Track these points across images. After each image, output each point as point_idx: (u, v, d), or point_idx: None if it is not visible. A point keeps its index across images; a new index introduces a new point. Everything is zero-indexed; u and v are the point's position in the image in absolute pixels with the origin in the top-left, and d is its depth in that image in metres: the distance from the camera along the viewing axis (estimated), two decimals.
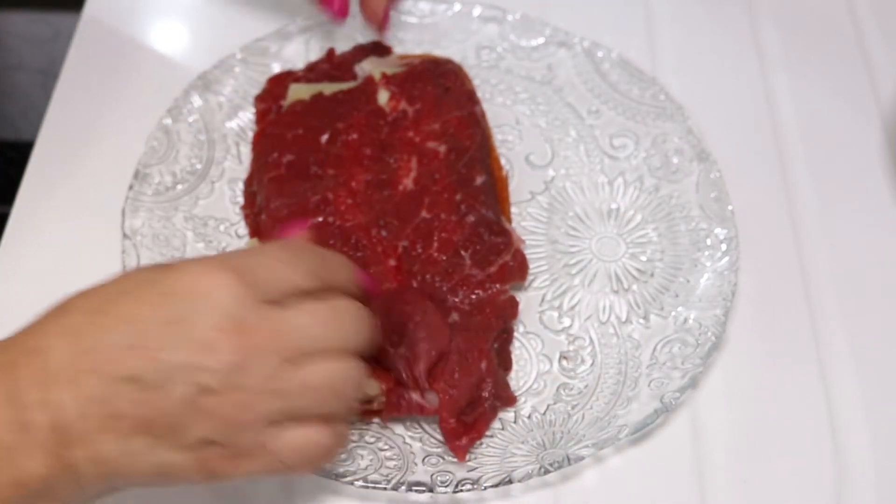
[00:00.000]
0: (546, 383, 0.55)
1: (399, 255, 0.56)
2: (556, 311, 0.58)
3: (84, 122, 0.65)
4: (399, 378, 0.51)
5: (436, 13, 0.70)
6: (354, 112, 0.61)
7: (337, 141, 0.60)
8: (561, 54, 0.68)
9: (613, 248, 0.61)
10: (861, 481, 0.53)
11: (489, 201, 0.58)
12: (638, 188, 0.63)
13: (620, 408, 0.53)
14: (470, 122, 0.61)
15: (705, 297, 0.57)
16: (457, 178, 0.58)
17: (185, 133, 0.62)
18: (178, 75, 0.65)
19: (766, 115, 0.69)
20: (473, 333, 0.53)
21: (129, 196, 0.58)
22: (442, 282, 0.55)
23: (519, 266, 0.56)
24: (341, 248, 0.55)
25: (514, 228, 0.58)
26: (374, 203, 0.57)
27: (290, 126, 0.61)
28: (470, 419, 0.51)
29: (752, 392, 0.56)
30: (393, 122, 0.61)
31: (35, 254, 0.59)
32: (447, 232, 0.56)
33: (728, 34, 0.74)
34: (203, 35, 0.71)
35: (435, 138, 0.60)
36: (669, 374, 0.54)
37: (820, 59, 0.72)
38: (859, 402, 0.56)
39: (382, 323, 0.50)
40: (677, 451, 0.53)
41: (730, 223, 0.59)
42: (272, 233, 0.56)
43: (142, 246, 0.57)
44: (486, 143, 0.61)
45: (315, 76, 0.64)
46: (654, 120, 0.65)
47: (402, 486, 0.49)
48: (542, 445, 0.51)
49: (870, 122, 0.69)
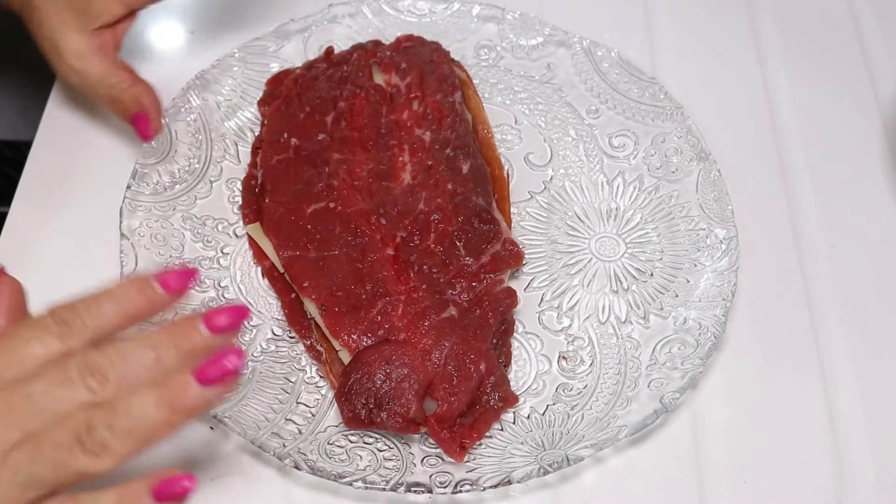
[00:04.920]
0: (545, 384, 0.55)
1: (397, 245, 0.56)
2: (556, 311, 0.58)
3: (82, 122, 0.65)
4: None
5: (435, 12, 0.70)
6: (357, 90, 0.63)
7: (341, 121, 0.61)
8: (560, 53, 0.68)
9: (613, 248, 0.61)
10: (861, 481, 0.53)
11: (478, 188, 0.58)
12: (637, 188, 0.63)
13: (620, 408, 0.53)
14: (449, 110, 0.62)
15: (705, 298, 0.57)
16: (446, 167, 0.59)
17: (183, 132, 0.62)
18: (177, 75, 0.65)
19: (766, 115, 0.69)
20: (472, 332, 0.53)
21: (127, 196, 0.58)
22: (440, 272, 0.55)
23: (511, 254, 0.56)
24: (342, 233, 0.56)
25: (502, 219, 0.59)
26: (374, 192, 0.58)
27: (300, 106, 0.62)
28: (469, 420, 0.51)
29: (752, 392, 0.56)
30: (391, 98, 0.63)
31: (33, 254, 0.59)
32: (443, 223, 0.57)
33: (728, 34, 0.74)
34: (202, 34, 0.70)
35: (420, 124, 0.62)
36: (669, 374, 0.53)
37: (820, 59, 0.72)
38: (859, 401, 0.56)
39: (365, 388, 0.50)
40: (677, 451, 0.53)
41: (730, 223, 0.59)
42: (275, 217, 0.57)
43: (140, 246, 0.57)
44: (468, 130, 0.62)
45: (313, 74, 0.64)
46: (653, 119, 0.65)
47: (400, 487, 0.48)
48: (541, 446, 0.51)
49: (870, 122, 0.69)
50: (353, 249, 0.56)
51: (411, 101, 0.63)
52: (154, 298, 0.41)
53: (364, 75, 0.64)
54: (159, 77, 0.67)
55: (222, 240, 0.59)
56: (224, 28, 0.70)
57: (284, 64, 0.67)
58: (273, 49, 0.67)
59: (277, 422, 0.51)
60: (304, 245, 0.56)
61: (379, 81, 0.64)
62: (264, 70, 0.66)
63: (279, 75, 0.65)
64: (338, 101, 0.63)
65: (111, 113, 0.60)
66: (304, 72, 0.65)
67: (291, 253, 0.56)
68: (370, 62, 0.65)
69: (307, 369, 0.54)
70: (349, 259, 0.55)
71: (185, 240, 0.59)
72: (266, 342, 0.55)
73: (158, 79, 0.67)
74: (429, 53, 0.65)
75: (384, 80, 0.64)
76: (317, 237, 0.57)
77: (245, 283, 0.58)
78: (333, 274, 0.55)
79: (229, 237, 0.60)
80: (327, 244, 0.56)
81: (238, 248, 0.59)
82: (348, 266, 0.55)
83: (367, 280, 0.54)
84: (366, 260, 0.55)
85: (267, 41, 0.67)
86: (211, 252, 0.59)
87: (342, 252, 0.56)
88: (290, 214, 0.58)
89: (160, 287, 0.41)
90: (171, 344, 0.39)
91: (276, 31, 0.67)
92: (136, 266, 0.55)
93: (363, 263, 0.55)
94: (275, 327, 0.56)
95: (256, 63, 0.66)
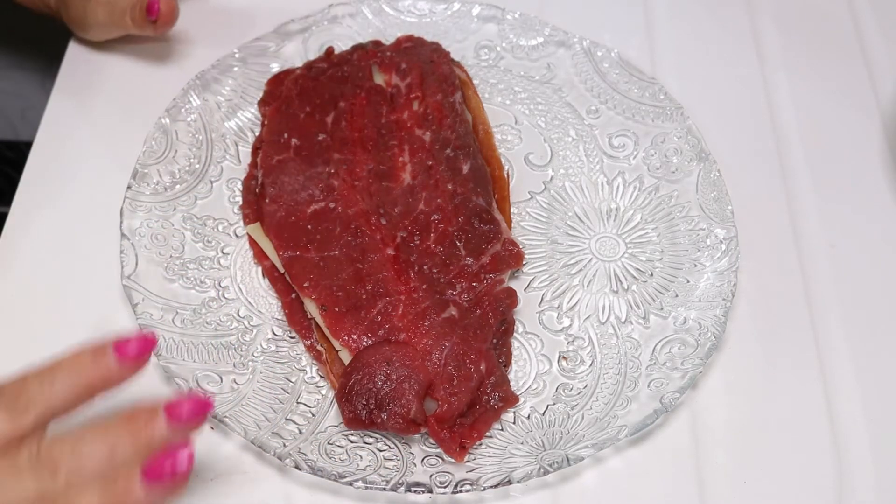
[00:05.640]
0: (545, 384, 0.55)
1: (397, 245, 0.56)
2: (556, 311, 0.58)
3: (82, 122, 0.65)
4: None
5: (435, 12, 0.70)
6: (357, 90, 0.63)
7: (342, 121, 0.61)
8: (560, 54, 0.68)
9: (613, 248, 0.61)
10: (861, 481, 0.53)
11: (478, 189, 0.59)
12: (637, 188, 0.63)
13: (620, 408, 0.53)
14: (449, 111, 0.62)
15: (705, 298, 0.57)
16: (446, 167, 0.59)
17: (183, 132, 0.62)
18: (177, 75, 0.65)
19: (766, 115, 0.69)
20: (472, 332, 0.53)
21: (128, 196, 0.58)
22: (440, 273, 0.55)
23: (511, 254, 0.56)
24: (342, 233, 0.56)
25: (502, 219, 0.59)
26: (374, 193, 0.58)
27: (300, 106, 0.62)
28: (469, 420, 0.51)
29: (752, 392, 0.56)
30: (391, 98, 0.63)
31: (33, 254, 0.59)
32: (443, 223, 0.57)
33: (728, 34, 0.74)
34: (202, 34, 0.70)
35: (420, 124, 0.62)
36: (669, 374, 0.53)
37: (820, 59, 0.72)
38: (859, 401, 0.55)
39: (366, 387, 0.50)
40: (677, 451, 0.53)
41: (729, 223, 0.59)
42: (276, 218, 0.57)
43: (140, 246, 0.57)
44: (468, 130, 0.62)
45: (314, 75, 0.64)
46: (653, 119, 0.65)
47: (401, 487, 0.48)
48: (541, 446, 0.51)
49: (870, 122, 0.69)
50: (354, 249, 0.56)
51: (411, 102, 0.63)
52: (110, 371, 0.39)
53: (364, 75, 0.64)
54: (159, 77, 0.67)
55: (222, 240, 0.59)
56: (224, 28, 0.70)
57: (285, 64, 0.67)
58: (273, 49, 0.67)
59: (278, 422, 0.51)
60: (305, 245, 0.56)
61: (379, 82, 0.64)
62: (264, 70, 0.66)
63: (279, 75, 0.65)
64: (338, 101, 0.63)
65: (138, 30, 0.64)
66: (304, 72, 0.65)
67: (292, 253, 0.56)
68: (370, 62, 0.65)
69: (307, 369, 0.54)
70: (349, 259, 0.56)
71: (186, 240, 0.59)
72: (266, 342, 0.55)
73: (159, 79, 0.67)
74: (429, 54, 0.65)
75: (384, 81, 0.64)
76: (317, 237, 0.57)
77: (245, 283, 0.58)
78: (334, 274, 0.55)
79: (230, 237, 0.60)
80: (327, 244, 0.56)
81: (238, 248, 0.59)
82: (348, 266, 0.55)
83: (367, 280, 0.55)
84: (366, 260, 0.55)
85: (267, 41, 0.67)
86: (211, 252, 0.59)
87: (342, 252, 0.56)
88: (290, 215, 0.58)
89: (116, 358, 0.39)
90: (128, 435, 0.38)
91: (277, 31, 0.67)
92: (137, 266, 0.55)
93: (363, 263, 0.55)
94: (275, 327, 0.56)
95: (256, 63, 0.66)
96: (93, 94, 0.67)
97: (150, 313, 0.54)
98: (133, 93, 0.67)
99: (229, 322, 0.55)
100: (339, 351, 0.53)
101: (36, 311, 0.56)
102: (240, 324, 0.56)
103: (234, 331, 0.55)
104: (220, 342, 0.54)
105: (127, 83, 0.67)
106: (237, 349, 0.54)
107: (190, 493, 0.50)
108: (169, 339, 0.53)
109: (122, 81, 0.67)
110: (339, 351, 0.53)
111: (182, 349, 0.53)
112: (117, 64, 0.68)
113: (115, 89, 0.67)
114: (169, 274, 0.56)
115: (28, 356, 0.55)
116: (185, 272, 0.57)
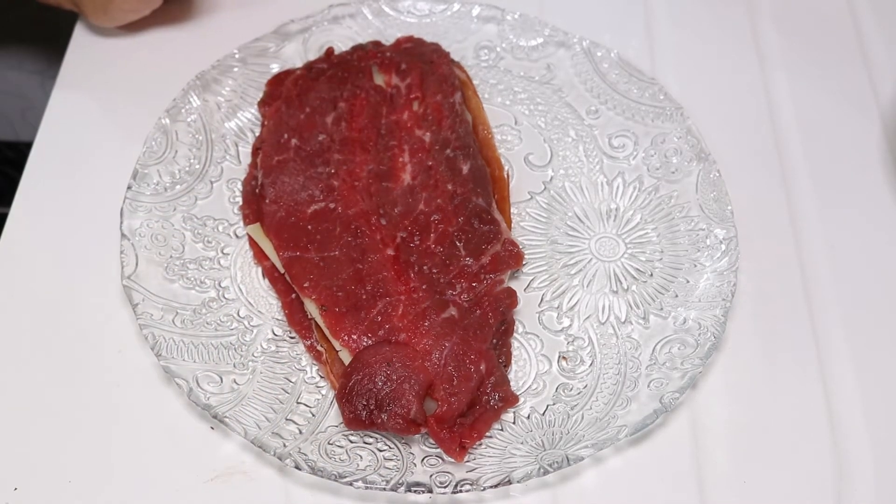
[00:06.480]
0: (545, 384, 0.55)
1: (397, 246, 0.56)
2: (556, 312, 0.58)
3: (82, 123, 0.65)
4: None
5: (434, 13, 0.70)
6: (357, 90, 0.63)
7: (342, 122, 0.61)
8: (560, 54, 0.68)
9: (612, 249, 0.61)
10: (861, 481, 0.53)
11: (478, 189, 0.59)
12: (637, 188, 0.63)
13: (620, 408, 0.53)
14: (449, 111, 0.62)
15: (705, 298, 0.57)
16: (446, 168, 0.59)
17: (183, 133, 0.62)
18: (177, 75, 0.65)
19: (766, 115, 0.69)
20: (472, 333, 0.53)
21: (128, 196, 0.58)
22: (440, 273, 0.55)
23: (511, 255, 0.56)
24: (342, 233, 0.56)
25: (502, 219, 0.59)
26: (374, 193, 0.59)
27: (300, 106, 0.62)
28: (469, 420, 0.51)
29: (752, 392, 0.56)
30: (391, 99, 0.63)
31: (33, 254, 0.59)
32: (443, 223, 0.57)
33: (728, 34, 0.74)
34: (202, 35, 0.70)
35: (420, 125, 0.62)
36: (669, 374, 0.54)
37: (820, 59, 0.72)
38: (859, 401, 0.55)
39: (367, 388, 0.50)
40: (677, 451, 0.53)
41: (729, 223, 0.59)
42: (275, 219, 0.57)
43: (140, 246, 0.57)
44: (468, 131, 0.62)
45: (314, 75, 0.64)
46: (653, 120, 0.65)
47: (401, 487, 0.48)
48: (541, 446, 0.51)
49: (870, 122, 0.69)
50: (354, 250, 0.56)
51: (411, 102, 0.63)
52: None
53: (364, 76, 0.64)
54: (159, 77, 0.67)
55: (223, 240, 0.59)
56: (224, 28, 0.70)
57: (285, 64, 0.67)
58: (273, 49, 0.67)
59: (278, 422, 0.51)
60: (305, 245, 0.56)
61: (379, 82, 0.64)
62: (264, 70, 0.66)
63: (279, 76, 0.65)
64: (338, 101, 0.63)
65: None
66: (304, 72, 0.65)
67: (292, 253, 0.56)
68: (370, 63, 0.65)
69: (307, 369, 0.54)
70: (349, 259, 0.56)
71: (186, 240, 0.59)
72: (266, 342, 0.55)
73: (158, 79, 0.67)
74: (429, 54, 0.65)
75: (384, 81, 0.64)
76: (317, 238, 0.57)
77: (245, 283, 0.58)
78: (334, 274, 0.55)
79: (230, 237, 0.60)
80: (327, 245, 0.56)
81: (238, 248, 0.59)
82: (348, 266, 0.55)
83: (367, 280, 0.55)
84: (366, 260, 0.56)
85: (267, 41, 0.67)
86: (211, 252, 0.59)
87: (342, 252, 0.56)
88: (290, 215, 0.58)
89: None
90: None
91: (277, 32, 0.67)
92: (137, 266, 0.55)
93: (363, 264, 0.55)
94: (275, 327, 0.56)
95: (256, 63, 0.66)
96: (93, 95, 0.67)
97: (150, 313, 0.54)
98: (133, 93, 0.67)
99: (229, 322, 0.56)
100: (339, 351, 0.53)
101: (36, 311, 0.56)
102: (240, 324, 0.56)
103: (234, 331, 0.55)
104: (220, 342, 0.54)
105: (127, 84, 0.67)
106: (237, 349, 0.54)
107: (190, 493, 0.50)
108: (169, 339, 0.53)
109: (123, 82, 0.67)
110: (339, 351, 0.53)
111: (182, 349, 0.53)
112: (117, 64, 0.68)
113: (115, 90, 0.67)
114: (169, 274, 0.57)
115: (28, 356, 0.55)
116: (186, 272, 0.57)
